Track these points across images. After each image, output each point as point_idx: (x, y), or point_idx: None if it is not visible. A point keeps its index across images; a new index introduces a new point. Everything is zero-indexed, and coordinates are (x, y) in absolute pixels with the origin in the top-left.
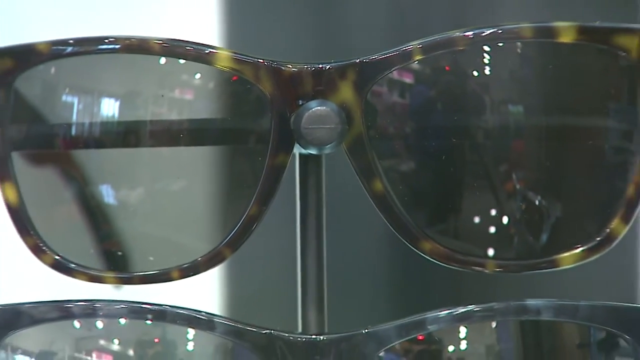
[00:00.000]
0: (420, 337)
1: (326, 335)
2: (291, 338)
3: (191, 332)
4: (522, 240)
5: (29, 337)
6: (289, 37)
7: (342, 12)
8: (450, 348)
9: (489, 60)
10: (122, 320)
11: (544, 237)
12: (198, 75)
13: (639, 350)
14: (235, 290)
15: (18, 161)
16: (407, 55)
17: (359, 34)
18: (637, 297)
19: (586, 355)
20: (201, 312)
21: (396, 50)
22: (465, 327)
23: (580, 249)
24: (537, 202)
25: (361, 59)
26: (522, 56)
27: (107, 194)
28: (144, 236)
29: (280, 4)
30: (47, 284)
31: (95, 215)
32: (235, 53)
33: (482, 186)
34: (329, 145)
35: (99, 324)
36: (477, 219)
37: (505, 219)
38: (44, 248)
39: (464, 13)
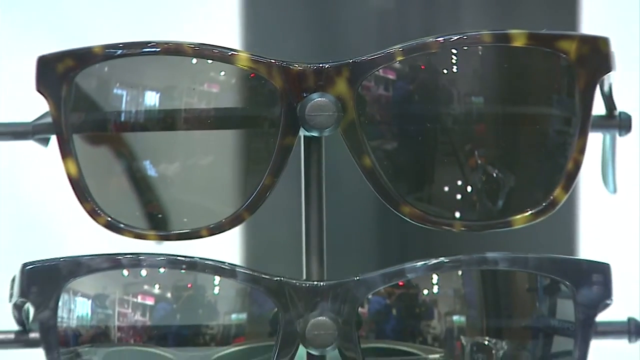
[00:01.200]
0: (401, 283)
1: (325, 282)
2: (297, 284)
3: (217, 279)
4: (483, 205)
5: (86, 283)
6: (295, 42)
7: (338, 22)
8: (425, 292)
9: (455, 60)
10: (162, 270)
11: (501, 203)
12: (222, 73)
13: (576, 293)
14: (252, 246)
15: (78, 141)
16: (390, 57)
17: (352, 39)
18: (574, 251)
19: (534, 297)
20: (225, 263)
21: (382, 53)
22: (437, 275)
23: (530, 212)
24: (494, 175)
25: (353, 60)
26: (483, 57)
27: (150, 168)
28: (179, 201)
29: (288, 16)
30: None
31: (140, 185)
32: (252, 55)
33: (450, 162)
34: (327, 129)
35: (143, 273)
36: (446, 188)
37: (469, 188)
38: (98, 212)
39: (436, 22)
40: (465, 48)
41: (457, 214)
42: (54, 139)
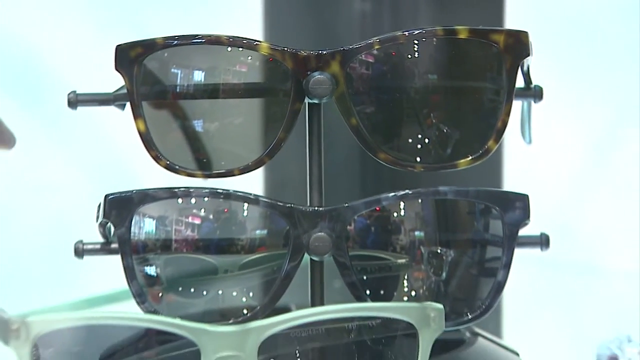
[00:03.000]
0: (378, 209)
1: (323, 207)
2: (303, 209)
3: (245, 206)
4: (436, 152)
5: (152, 209)
6: (303, 34)
7: (333, 23)
8: (395, 214)
9: (417, 48)
10: (206, 199)
11: (449, 150)
12: (249, 58)
13: (504, 215)
14: (270, 181)
15: (145, 106)
16: (370, 46)
17: (343, 35)
18: (500, 185)
19: (473, 218)
20: (251, 194)
21: (364, 43)
22: (403, 202)
23: (470, 157)
24: (445, 130)
25: (344, 48)
26: (436, 46)
27: (197, 125)
28: (218, 150)
29: (298, 18)
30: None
31: (190, 138)
32: (271, 44)
33: (413, 121)
34: (325, 98)
35: (192, 201)
36: (410, 140)
37: (426, 140)
38: (160, 157)
39: (400, 21)
40: (424, 39)
41: (418, 159)
42: (128, 105)
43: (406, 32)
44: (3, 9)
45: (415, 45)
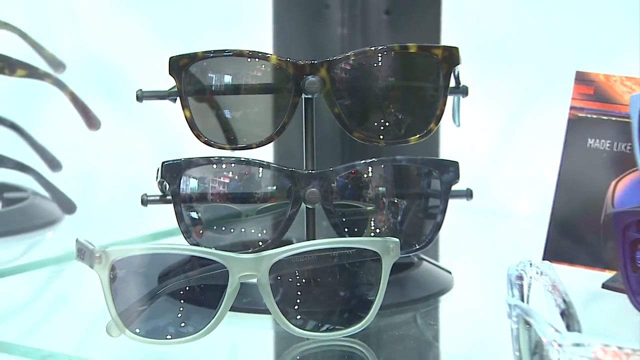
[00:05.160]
0: (353, 172)
1: (315, 170)
2: (301, 172)
3: (260, 169)
4: (395, 132)
5: (195, 171)
6: (301, 49)
7: (323, 40)
8: (365, 176)
9: (380, 59)
10: (232, 165)
11: (403, 131)
12: (263, 65)
13: (441, 176)
14: (278, 151)
15: (190, 100)
16: (348, 57)
17: (330, 48)
18: (438, 155)
19: (419, 178)
20: (264, 161)
21: (343, 55)
22: (371, 167)
23: (418, 135)
24: (400, 116)
25: (329, 59)
26: (394, 57)
27: (226, 113)
28: (241, 130)
29: (297, 36)
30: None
31: (221, 121)
32: (278, 56)
33: (378, 111)
34: (316, 94)
35: (223, 166)
36: (376, 123)
37: (387, 123)
38: (200, 136)
39: (368, 40)
40: (385, 52)
41: (381, 137)
42: (178, 99)
43: (373, 48)
44: (95, 31)
45: (380, 57)
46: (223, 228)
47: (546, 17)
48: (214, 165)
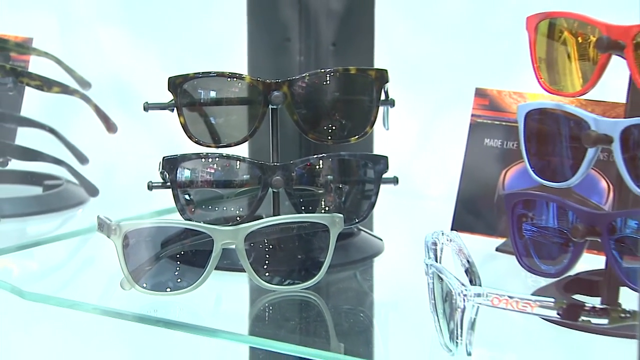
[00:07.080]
0: (308, 164)
1: (279, 163)
2: (268, 164)
3: (237, 162)
4: (339, 134)
5: (188, 163)
6: (268, 71)
7: (286, 65)
8: (317, 167)
9: (328, 78)
10: (217, 159)
11: (345, 132)
12: (239, 84)
13: (375, 167)
14: (252, 149)
15: (184, 109)
16: (304, 77)
17: (291, 70)
18: (372, 151)
19: (358, 169)
20: (240, 156)
21: (299, 75)
22: (321, 161)
23: (357, 136)
24: (343, 122)
25: (289, 78)
26: (339, 77)
27: (211, 120)
28: (222, 133)
29: (266, 61)
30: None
31: (208, 126)
32: (251, 77)
33: (326, 117)
34: (280, 105)
35: (209, 160)
36: (325, 127)
37: (333, 127)
38: (192, 136)
39: (320, 63)
40: (332, 73)
41: (329, 137)
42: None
43: (323, 70)
44: (114, 57)
45: (328, 77)
46: (209, 207)
47: (453, 46)
48: (203, 159)
